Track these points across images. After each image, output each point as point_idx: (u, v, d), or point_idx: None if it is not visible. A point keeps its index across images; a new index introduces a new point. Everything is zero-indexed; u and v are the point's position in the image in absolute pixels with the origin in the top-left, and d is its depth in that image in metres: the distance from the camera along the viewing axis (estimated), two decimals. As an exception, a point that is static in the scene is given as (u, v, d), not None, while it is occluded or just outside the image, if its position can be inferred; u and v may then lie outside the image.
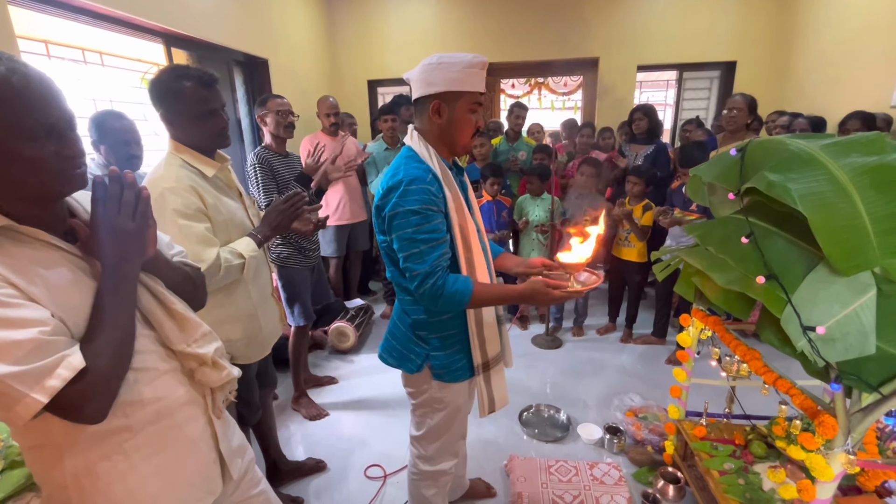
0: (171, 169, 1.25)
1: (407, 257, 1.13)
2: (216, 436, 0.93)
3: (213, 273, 1.23)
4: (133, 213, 0.74)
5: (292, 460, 2.01)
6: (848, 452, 1.04)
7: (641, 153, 3.29)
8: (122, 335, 0.73)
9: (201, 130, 1.28)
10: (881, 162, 0.96)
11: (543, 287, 1.13)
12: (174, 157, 1.29)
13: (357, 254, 3.61)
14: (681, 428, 1.83)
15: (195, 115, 1.26)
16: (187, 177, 1.26)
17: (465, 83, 1.15)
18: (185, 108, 1.24)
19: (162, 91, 1.24)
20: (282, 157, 2.23)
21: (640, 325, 3.21)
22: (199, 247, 1.22)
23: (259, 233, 1.40)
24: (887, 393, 0.96)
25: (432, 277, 1.11)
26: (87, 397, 0.67)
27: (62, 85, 0.75)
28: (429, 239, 1.12)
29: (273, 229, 1.43)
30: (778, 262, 1.07)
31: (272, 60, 3.53)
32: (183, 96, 1.23)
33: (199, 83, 1.25)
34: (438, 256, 1.13)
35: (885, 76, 3.08)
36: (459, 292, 1.12)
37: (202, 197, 1.27)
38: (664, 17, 4.36)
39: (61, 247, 0.74)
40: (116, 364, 0.72)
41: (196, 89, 1.24)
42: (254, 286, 1.46)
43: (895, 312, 0.93)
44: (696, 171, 1.49)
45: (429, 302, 1.14)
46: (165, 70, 1.27)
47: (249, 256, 1.32)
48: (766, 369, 1.33)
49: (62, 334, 0.68)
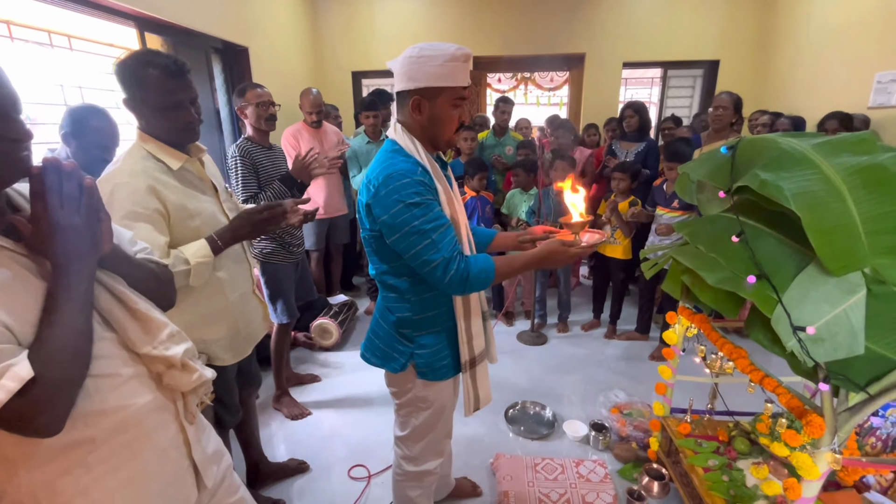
0: (130, 162, 1.16)
1: (420, 251, 1.07)
2: (189, 442, 0.88)
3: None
4: (77, 207, 0.68)
5: (274, 462, 1.96)
6: (834, 451, 1.04)
7: (632, 151, 3.29)
8: (76, 339, 0.67)
9: (164, 123, 1.19)
10: (872, 162, 0.95)
11: (559, 246, 1.15)
12: (138, 147, 1.20)
13: (337, 247, 3.54)
14: (665, 425, 1.84)
15: (159, 107, 1.16)
16: (147, 170, 1.16)
17: (446, 78, 1.10)
18: (148, 97, 1.15)
19: (126, 77, 1.14)
20: (265, 150, 2.15)
21: (624, 322, 3.23)
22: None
23: (219, 238, 1.25)
24: (875, 392, 0.96)
25: (454, 262, 1.08)
26: (38, 409, 0.61)
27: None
28: (437, 226, 1.08)
29: (236, 237, 1.29)
30: (768, 262, 1.06)
31: (253, 49, 3.42)
32: (147, 85, 1.14)
33: (165, 72, 1.14)
34: (452, 240, 1.10)
35: (863, 77, 3.14)
36: (484, 270, 1.11)
37: (160, 194, 1.16)
38: (650, 15, 4.37)
39: (2, 245, 0.67)
40: (71, 371, 0.66)
41: (162, 79, 1.14)
42: (230, 284, 1.38)
43: (884, 313, 0.93)
44: (685, 168, 1.48)
45: (457, 287, 1.11)
46: (133, 54, 1.17)
47: (196, 262, 1.18)
48: (752, 368, 1.34)
49: (6, 342, 0.61)
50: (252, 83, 2.27)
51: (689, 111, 4.78)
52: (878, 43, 3.08)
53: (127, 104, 1.18)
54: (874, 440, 1.47)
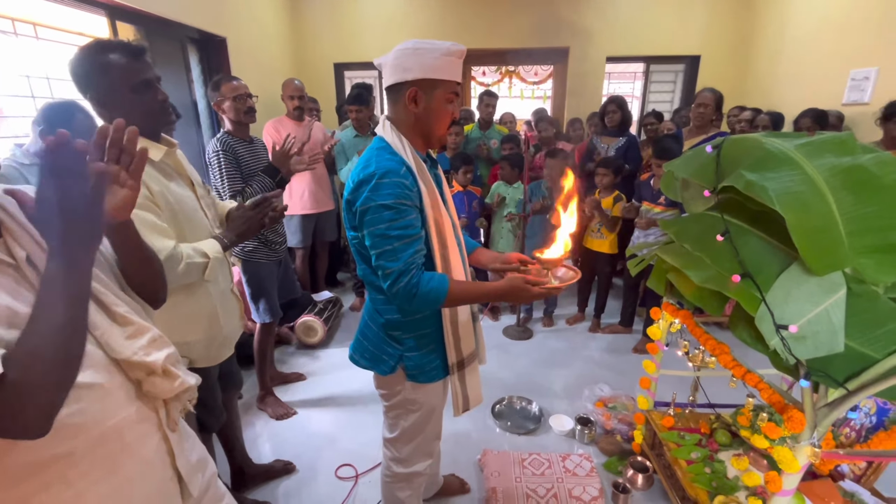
0: None
1: (380, 255, 1.07)
2: (172, 452, 0.85)
3: (171, 266, 1.13)
4: (84, 190, 0.62)
5: (259, 463, 1.93)
6: (813, 445, 1.07)
7: (613, 145, 3.32)
8: (62, 334, 0.61)
9: (139, 107, 1.14)
10: (853, 163, 0.97)
11: (522, 284, 1.10)
12: None
13: (324, 244, 3.50)
14: (649, 418, 1.87)
15: (130, 88, 1.12)
16: None
17: (443, 71, 1.09)
18: (115, 82, 1.10)
19: (86, 69, 1.09)
20: (246, 144, 2.09)
21: (608, 315, 3.28)
22: (151, 235, 1.11)
23: (225, 237, 1.34)
24: (853, 388, 0.99)
25: (406, 276, 1.06)
26: (14, 410, 0.56)
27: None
28: (403, 235, 1.06)
29: (239, 236, 1.37)
30: (752, 261, 1.08)
31: (231, 39, 3.32)
32: (111, 69, 1.09)
33: (126, 53, 1.11)
34: (413, 253, 1.07)
35: (838, 74, 3.22)
36: (435, 290, 1.07)
37: (147, 184, 1.15)
38: (633, 10, 4.40)
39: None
40: (57, 369, 0.60)
41: (125, 60, 1.11)
42: (213, 284, 1.36)
43: (863, 311, 0.95)
44: (670, 166, 1.49)
45: (402, 301, 1.09)
46: (83, 48, 1.11)
47: (213, 258, 1.25)
48: (735, 363, 1.36)
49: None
50: (226, 76, 2.20)
51: (671, 105, 4.83)
52: (853, 41, 3.15)
53: (95, 101, 1.13)
54: (848, 430, 1.52)
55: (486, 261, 1.37)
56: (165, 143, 1.26)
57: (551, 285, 1.13)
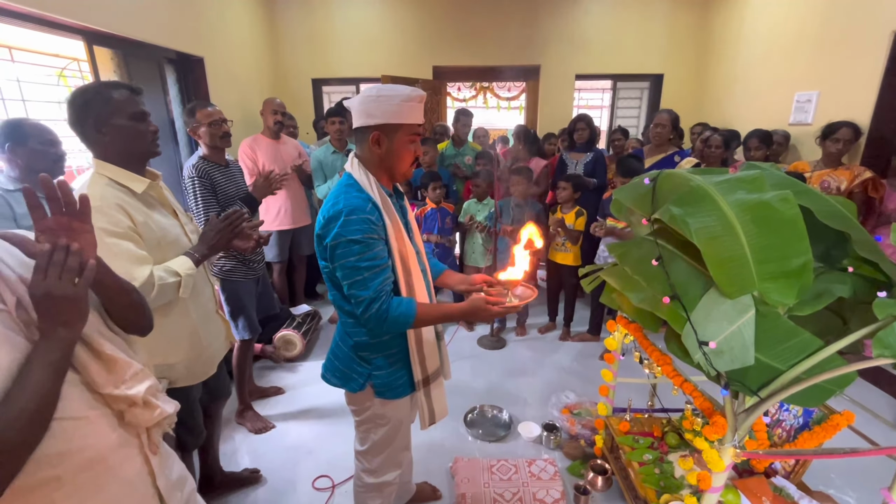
0: (96, 188, 1.23)
1: (351, 284, 1.17)
2: (153, 472, 0.93)
3: (145, 292, 1.20)
4: (73, 280, 0.72)
5: (228, 471, 2.00)
6: (735, 447, 1.21)
7: (581, 161, 3.49)
8: (42, 403, 0.70)
9: (134, 133, 1.28)
10: (759, 200, 1.12)
11: (483, 303, 1.21)
12: (99, 176, 1.26)
13: (301, 258, 3.57)
14: (608, 423, 2.00)
15: (128, 116, 1.26)
16: (113, 195, 1.24)
17: (403, 115, 1.20)
18: (115, 111, 1.24)
19: (87, 100, 1.22)
20: (222, 168, 2.16)
21: (578, 323, 3.43)
22: (130, 265, 1.20)
23: (196, 252, 1.40)
24: (765, 396, 1.13)
25: (377, 303, 1.16)
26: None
27: None
28: (371, 266, 1.16)
29: (211, 248, 1.44)
30: (680, 284, 1.21)
31: (209, 58, 3.38)
32: (113, 100, 1.25)
33: (129, 90, 1.29)
34: (382, 282, 1.18)
35: (785, 96, 3.46)
36: (403, 315, 1.18)
37: (130, 215, 1.24)
38: (600, 31, 4.61)
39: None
40: (28, 435, 0.68)
41: (127, 94, 1.28)
42: (193, 304, 1.44)
43: (769, 329, 1.10)
44: (617, 193, 1.63)
45: (374, 325, 1.19)
46: (88, 84, 1.30)
47: (185, 275, 1.32)
48: (675, 373, 1.51)
49: None
50: (201, 101, 2.26)
51: (638, 121, 5.07)
52: (797, 65, 3.40)
53: (91, 129, 1.24)
54: (780, 431, 1.67)
55: (454, 283, 1.49)
56: (150, 176, 1.35)
57: (510, 304, 1.25)
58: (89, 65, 2.52)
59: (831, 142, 2.71)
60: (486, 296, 1.26)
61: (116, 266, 1.05)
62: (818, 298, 1.14)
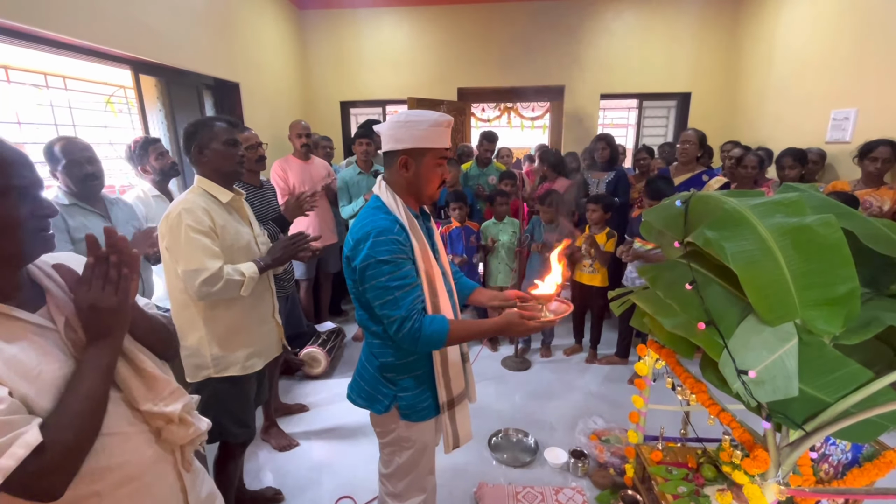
0: (191, 195, 1.53)
1: (383, 304, 1.17)
2: (185, 489, 0.95)
3: (213, 282, 1.44)
4: (116, 290, 0.77)
5: (251, 489, 2.01)
6: (779, 483, 1.14)
7: (603, 180, 3.46)
8: (94, 406, 0.74)
9: (226, 156, 1.56)
10: (800, 224, 1.08)
11: (518, 318, 1.19)
12: (197, 187, 1.57)
13: (327, 275, 3.62)
14: (639, 452, 1.93)
15: (223, 142, 1.55)
16: (203, 201, 1.51)
17: (430, 140, 1.22)
18: (215, 136, 1.55)
19: (196, 128, 1.55)
20: (256, 190, 2.24)
21: (605, 345, 3.34)
22: (204, 257, 1.43)
23: (262, 261, 1.62)
24: (810, 430, 1.07)
25: (409, 321, 1.16)
26: (45, 472, 0.66)
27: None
28: (402, 285, 1.17)
29: (275, 260, 1.66)
30: (716, 309, 1.17)
31: (244, 84, 3.54)
32: (214, 128, 1.56)
33: (228, 122, 1.61)
34: (413, 300, 1.18)
35: (821, 113, 3.36)
36: (437, 332, 1.17)
37: (213, 218, 1.50)
38: (625, 50, 4.62)
39: (20, 318, 0.74)
40: (83, 437, 0.72)
41: (224, 125, 1.59)
42: (253, 305, 1.63)
43: (813, 359, 1.04)
44: (647, 214, 1.60)
45: (408, 344, 1.18)
46: (199, 118, 1.66)
47: (249, 277, 1.52)
48: (711, 402, 1.44)
49: (18, 412, 0.67)
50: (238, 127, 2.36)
51: (665, 139, 5.00)
52: (833, 82, 3.31)
53: (196, 150, 1.55)
54: (827, 466, 1.57)
55: (486, 300, 1.48)
56: (235, 192, 1.63)
57: (546, 318, 1.23)
58: (135, 91, 2.67)
59: (869, 161, 2.61)
60: (521, 310, 1.24)
61: (194, 256, 1.43)
62: (866, 327, 1.08)
